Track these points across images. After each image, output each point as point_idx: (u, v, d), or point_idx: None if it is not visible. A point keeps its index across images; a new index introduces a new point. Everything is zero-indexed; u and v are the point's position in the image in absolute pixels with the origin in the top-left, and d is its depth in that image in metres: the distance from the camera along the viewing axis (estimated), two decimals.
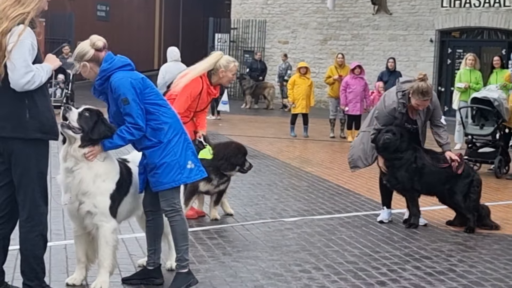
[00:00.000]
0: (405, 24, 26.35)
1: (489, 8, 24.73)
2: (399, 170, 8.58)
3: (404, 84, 8.54)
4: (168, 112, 5.91)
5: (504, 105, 12.73)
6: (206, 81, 7.93)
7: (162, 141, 5.79)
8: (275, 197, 10.27)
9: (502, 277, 6.75)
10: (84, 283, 5.94)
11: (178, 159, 5.82)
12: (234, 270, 6.60)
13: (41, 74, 5.24)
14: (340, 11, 27.41)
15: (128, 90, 5.66)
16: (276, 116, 23.88)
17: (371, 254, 7.38)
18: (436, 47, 25.92)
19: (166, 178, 5.78)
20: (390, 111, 8.47)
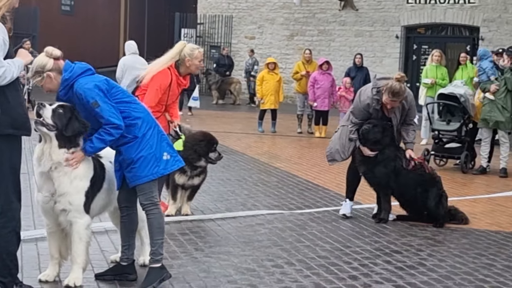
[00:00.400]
0: (371, 20, 26.52)
1: (454, 4, 24.99)
2: (378, 164, 8.65)
3: (380, 81, 8.58)
4: (138, 107, 5.98)
5: (470, 101, 12.88)
6: (175, 72, 7.87)
7: (137, 135, 5.83)
8: (245, 192, 10.30)
9: (471, 270, 6.85)
10: (57, 279, 5.92)
11: (154, 152, 5.86)
12: (206, 265, 6.62)
13: (12, 69, 5.20)
14: (306, 7, 27.51)
15: (95, 93, 5.69)
16: (243, 111, 23.90)
17: (342, 249, 7.44)
18: (402, 43, 26.14)
19: (144, 172, 5.81)
20: (365, 106, 8.53)
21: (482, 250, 7.65)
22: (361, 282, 6.34)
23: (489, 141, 12.85)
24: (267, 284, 6.16)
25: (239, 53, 28.56)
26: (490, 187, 11.52)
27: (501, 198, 10.80)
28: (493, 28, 24.23)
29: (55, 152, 5.65)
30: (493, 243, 7.99)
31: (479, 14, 24.50)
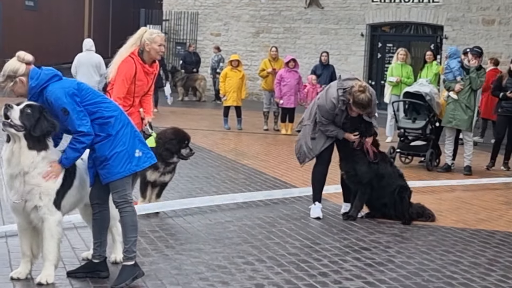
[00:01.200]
0: (337, 18, 26.62)
1: (418, 3, 25.18)
2: (361, 163, 8.72)
3: (345, 81, 8.60)
4: (110, 106, 5.99)
5: (435, 99, 13.03)
6: (138, 60, 7.79)
7: (110, 134, 5.85)
8: (213, 189, 10.32)
9: (438, 267, 6.95)
10: (29, 277, 5.90)
11: (127, 149, 5.89)
12: (178, 262, 6.64)
13: None
14: (272, 4, 27.53)
15: (65, 101, 5.68)
16: (209, 108, 23.86)
17: (312, 246, 7.50)
18: (367, 41, 26.25)
19: (117, 169, 5.84)
20: (331, 107, 8.54)
21: (449, 247, 7.76)
22: (332, 279, 6.40)
23: (452, 139, 13.01)
24: (239, 281, 6.20)
25: (205, 50, 28.49)
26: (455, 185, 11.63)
27: (466, 195, 10.95)
28: (456, 27, 24.46)
29: (25, 154, 5.64)
30: (460, 240, 8.11)
31: (443, 13, 24.72)
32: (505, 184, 12.06)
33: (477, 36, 23.75)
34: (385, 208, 8.92)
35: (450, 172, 12.89)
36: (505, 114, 13.47)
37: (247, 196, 9.48)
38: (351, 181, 8.90)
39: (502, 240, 8.23)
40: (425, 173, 12.71)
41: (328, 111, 8.58)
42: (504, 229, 8.81)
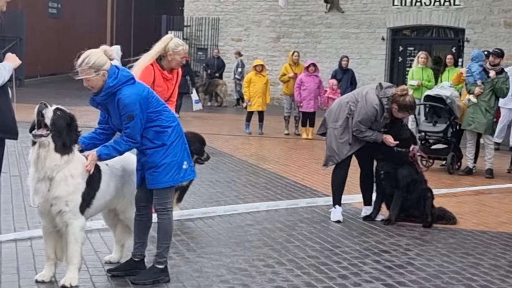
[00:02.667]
0: (357, 22, 26.64)
1: (440, 6, 25.16)
2: (402, 166, 8.78)
3: (387, 89, 8.67)
4: (170, 115, 6.10)
5: (456, 103, 13.01)
6: (157, 66, 7.91)
7: (165, 143, 5.98)
8: (234, 194, 10.38)
9: (458, 269, 6.96)
10: (53, 280, 5.98)
11: (177, 160, 6.03)
12: (199, 265, 6.70)
13: (3, 73, 5.23)
14: (292, 9, 27.60)
15: (135, 108, 5.80)
16: (230, 113, 23.95)
17: (332, 249, 7.54)
18: (388, 45, 26.26)
19: (165, 178, 5.98)
20: (373, 113, 8.58)
21: (469, 249, 7.77)
22: (351, 281, 6.44)
23: (473, 142, 12.99)
24: (259, 284, 6.25)
25: (226, 55, 28.59)
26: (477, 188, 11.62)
27: (487, 198, 10.94)
28: (478, 30, 24.41)
29: (51, 156, 5.71)
30: (480, 242, 8.11)
31: (464, 16, 24.68)
32: None
33: (498, 38, 23.69)
34: (409, 208, 8.93)
35: (472, 175, 12.87)
36: None
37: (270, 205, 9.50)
38: (389, 183, 8.87)
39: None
40: (446, 176, 12.70)
41: (369, 118, 8.60)
42: None
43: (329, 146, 8.88)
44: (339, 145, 8.79)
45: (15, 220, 8.10)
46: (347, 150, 8.80)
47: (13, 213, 8.45)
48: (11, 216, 8.28)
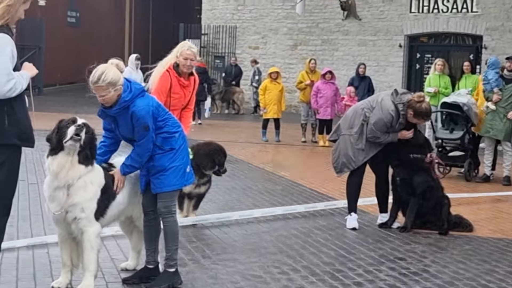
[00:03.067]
0: (374, 30, 26.63)
1: (457, 13, 25.11)
2: (418, 172, 8.78)
3: (403, 96, 8.69)
4: (175, 122, 6.27)
5: (473, 110, 12.98)
6: (174, 73, 8.00)
7: (174, 147, 6.11)
8: (250, 200, 10.41)
9: (473, 276, 6.95)
10: (70, 287, 6.01)
11: (183, 163, 6.18)
12: (214, 272, 6.73)
13: (21, 81, 5.27)
14: (310, 17, 27.63)
15: (149, 119, 5.94)
16: (247, 120, 24.00)
17: (347, 256, 7.55)
18: (405, 52, 26.23)
19: (173, 181, 6.09)
20: (389, 119, 8.57)
21: (485, 256, 7.75)
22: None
23: (492, 149, 12.96)
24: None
25: (243, 63, 28.65)
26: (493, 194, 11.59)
27: (504, 205, 10.90)
28: (496, 36, 24.34)
29: (74, 167, 5.77)
30: (496, 249, 8.08)
31: (482, 23, 24.61)
32: None
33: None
34: (425, 215, 8.91)
35: (489, 182, 12.82)
36: None
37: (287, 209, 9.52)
38: (405, 189, 8.86)
39: None
40: (463, 184, 12.66)
41: (385, 124, 8.60)
42: None
43: (345, 153, 8.88)
44: (355, 151, 8.79)
45: (32, 227, 8.18)
46: (363, 157, 8.80)
47: (30, 220, 8.54)
48: (28, 223, 8.36)
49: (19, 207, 8.96)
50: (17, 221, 8.31)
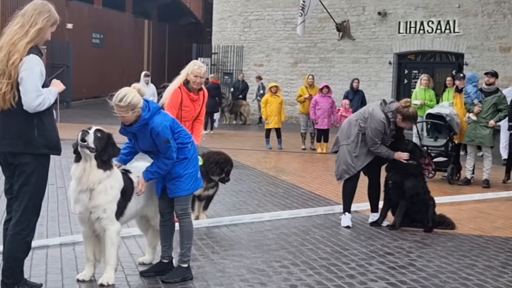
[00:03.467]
0: (367, 49, 26.65)
1: (441, 34, 25.12)
2: (409, 177, 8.78)
3: (390, 104, 8.73)
4: (186, 133, 6.29)
5: (455, 120, 12.97)
6: (184, 89, 8.06)
7: (187, 157, 6.18)
8: (255, 202, 10.40)
9: (455, 270, 6.94)
10: (93, 279, 6.04)
11: (195, 170, 6.26)
12: (222, 266, 6.73)
13: (49, 97, 5.28)
14: (308, 37, 27.65)
15: (168, 133, 5.97)
16: (253, 130, 23.99)
17: (341, 251, 7.54)
18: (394, 68, 26.23)
19: (187, 186, 6.16)
20: (382, 127, 8.61)
21: (466, 252, 7.73)
22: (358, 280, 6.44)
23: (473, 155, 12.95)
24: (275, 282, 6.27)
25: (249, 78, 28.67)
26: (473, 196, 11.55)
27: (483, 206, 10.86)
28: (476, 54, 24.33)
29: (93, 172, 5.80)
30: (476, 246, 8.06)
31: (463, 42, 24.61)
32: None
33: (494, 62, 23.58)
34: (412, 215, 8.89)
35: (470, 185, 12.79)
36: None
37: (292, 213, 9.49)
38: (396, 192, 8.85)
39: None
40: (447, 186, 12.63)
41: (380, 132, 8.63)
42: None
43: (345, 161, 8.87)
44: (353, 158, 8.81)
45: (60, 226, 8.20)
46: (361, 162, 8.81)
47: (58, 220, 8.56)
48: (56, 223, 8.38)
49: (48, 208, 9.01)
50: (46, 221, 8.34)
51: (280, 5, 28.74)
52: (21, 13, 5.36)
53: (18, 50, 5.21)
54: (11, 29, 5.31)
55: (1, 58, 5.24)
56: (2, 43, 5.30)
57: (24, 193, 5.33)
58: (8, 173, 5.45)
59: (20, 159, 5.30)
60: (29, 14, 5.33)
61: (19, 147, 5.29)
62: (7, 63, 5.20)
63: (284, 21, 28.59)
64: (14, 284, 5.38)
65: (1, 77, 5.22)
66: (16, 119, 5.26)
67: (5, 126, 5.31)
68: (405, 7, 25.87)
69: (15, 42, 5.23)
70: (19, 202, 5.35)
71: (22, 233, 5.34)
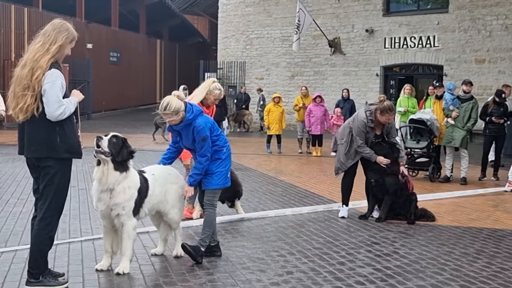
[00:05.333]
0: (356, 62, 26.69)
1: (422, 48, 25.15)
2: (389, 175, 8.79)
3: (371, 105, 8.85)
4: (224, 139, 6.63)
5: (435, 124, 13.01)
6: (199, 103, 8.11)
7: (221, 158, 6.56)
8: (256, 200, 10.42)
9: (434, 256, 6.97)
10: (110, 269, 6.07)
11: (226, 170, 6.61)
12: (226, 256, 6.76)
13: (70, 106, 5.30)
14: (304, 53, 27.71)
15: (206, 132, 6.35)
16: (255, 137, 24.00)
17: (333, 242, 7.57)
18: (381, 79, 26.27)
19: (217, 181, 6.53)
20: (362, 126, 8.69)
21: (444, 241, 7.76)
22: (347, 267, 6.47)
23: (452, 155, 12.97)
24: (273, 269, 6.30)
25: (251, 91, 28.73)
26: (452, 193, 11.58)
27: (461, 200, 10.88)
28: (454, 66, 24.35)
29: (111, 174, 5.84)
30: (453, 235, 8.08)
31: (442, 55, 24.64)
32: (495, 192, 11.93)
33: (471, 72, 23.60)
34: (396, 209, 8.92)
35: (449, 182, 12.82)
36: (490, 134, 13.42)
37: (295, 210, 9.50)
38: (379, 189, 8.87)
39: (488, 235, 8.19)
40: (428, 184, 12.66)
41: (361, 130, 8.70)
42: (490, 226, 8.76)
43: (339, 159, 9.00)
44: (345, 156, 8.89)
45: (81, 223, 8.23)
46: (351, 160, 8.88)
47: (79, 218, 8.59)
48: (78, 220, 8.42)
49: (71, 207, 9.04)
50: (69, 219, 8.37)
51: (278, 24, 28.81)
52: (42, 32, 5.40)
53: (41, 66, 5.24)
54: (34, 47, 5.35)
55: (26, 74, 5.26)
56: (26, 60, 5.33)
57: (48, 193, 5.36)
58: (36, 175, 5.49)
59: (45, 162, 5.33)
60: (49, 33, 5.36)
61: (43, 152, 5.31)
62: (31, 78, 5.23)
63: (282, 38, 28.65)
64: (39, 274, 5.41)
65: (26, 90, 5.25)
66: (40, 128, 5.30)
67: (30, 134, 5.35)
68: (390, 25, 25.92)
69: (38, 58, 5.26)
70: (43, 201, 5.38)
71: (46, 229, 5.37)
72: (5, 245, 6.98)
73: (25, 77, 5.26)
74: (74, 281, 5.68)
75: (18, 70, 5.35)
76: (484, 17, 23.73)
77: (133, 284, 5.72)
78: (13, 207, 9.21)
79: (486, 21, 23.67)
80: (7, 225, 8.02)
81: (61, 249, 6.79)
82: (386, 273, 6.23)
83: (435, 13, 24.89)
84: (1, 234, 7.52)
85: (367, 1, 26.37)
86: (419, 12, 25.47)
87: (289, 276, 6.08)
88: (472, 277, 6.20)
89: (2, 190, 10.73)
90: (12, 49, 26.67)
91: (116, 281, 5.75)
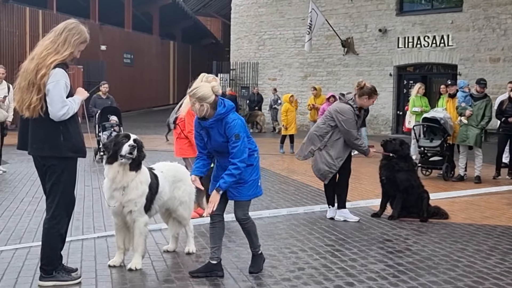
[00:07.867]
0: (369, 62, 26.65)
1: (436, 47, 25.07)
2: (400, 172, 8.78)
3: (347, 95, 8.62)
4: (253, 141, 5.92)
5: (449, 123, 12.98)
6: None
7: (253, 163, 5.82)
8: (269, 199, 10.44)
9: (447, 253, 6.95)
10: (122, 265, 6.12)
11: (258, 177, 5.92)
12: (238, 253, 6.80)
13: (73, 106, 5.25)
14: (317, 53, 27.72)
15: (240, 128, 5.58)
16: (268, 137, 24.03)
17: (345, 239, 7.56)
18: (394, 80, 26.21)
19: (249, 192, 5.83)
20: (351, 115, 8.42)
21: (457, 238, 7.73)
22: (359, 263, 6.46)
23: (465, 154, 12.93)
24: (285, 266, 6.32)
25: (264, 91, 28.82)
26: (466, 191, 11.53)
27: (475, 199, 10.84)
28: (468, 65, 24.27)
29: (127, 174, 5.88)
30: (467, 233, 8.06)
31: (456, 55, 24.55)
32: (510, 190, 11.86)
33: (485, 71, 23.50)
34: (409, 207, 8.90)
35: (463, 181, 12.77)
36: (504, 133, 13.36)
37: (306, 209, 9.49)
38: (390, 186, 8.84)
39: (502, 232, 8.15)
40: (442, 183, 12.62)
41: (352, 121, 8.41)
42: (504, 223, 8.72)
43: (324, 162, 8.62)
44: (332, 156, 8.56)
45: (94, 221, 8.29)
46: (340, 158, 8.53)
47: (93, 215, 8.65)
48: (91, 218, 8.47)
49: (84, 206, 9.11)
50: (82, 216, 8.44)
51: (291, 25, 28.83)
52: (54, 29, 5.41)
53: (46, 65, 5.23)
54: (43, 42, 5.36)
55: (32, 69, 5.26)
56: (34, 54, 5.34)
57: (55, 192, 5.37)
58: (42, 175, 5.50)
59: (49, 161, 5.34)
60: (60, 31, 5.37)
61: (46, 151, 5.32)
62: (35, 76, 5.23)
63: (294, 39, 28.67)
64: (51, 270, 5.45)
65: (30, 87, 5.25)
66: (43, 126, 5.29)
67: (33, 132, 5.36)
68: (403, 24, 25.87)
69: (44, 56, 5.26)
70: (51, 199, 5.40)
71: (56, 227, 5.39)
72: (19, 242, 7.06)
73: (30, 71, 5.27)
74: (87, 276, 5.72)
75: (26, 63, 5.37)
76: (498, 15, 23.61)
77: (145, 280, 5.75)
78: (27, 205, 9.31)
79: (500, 19, 23.56)
80: (22, 223, 8.10)
81: (74, 246, 6.84)
82: (399, 269, 6.22)
83: (449, 12, 24.81)
84: (16, 231, 7.60)
85: (380, 1, 26.34)
86: (433, 11, 25.40)
87: (301, 272, 6.08)
88: (485, 273, 6.18)
89: (17, 189, 10.85)
90: (27, 51, 26.86)
91: (129, 277, 5.78)
